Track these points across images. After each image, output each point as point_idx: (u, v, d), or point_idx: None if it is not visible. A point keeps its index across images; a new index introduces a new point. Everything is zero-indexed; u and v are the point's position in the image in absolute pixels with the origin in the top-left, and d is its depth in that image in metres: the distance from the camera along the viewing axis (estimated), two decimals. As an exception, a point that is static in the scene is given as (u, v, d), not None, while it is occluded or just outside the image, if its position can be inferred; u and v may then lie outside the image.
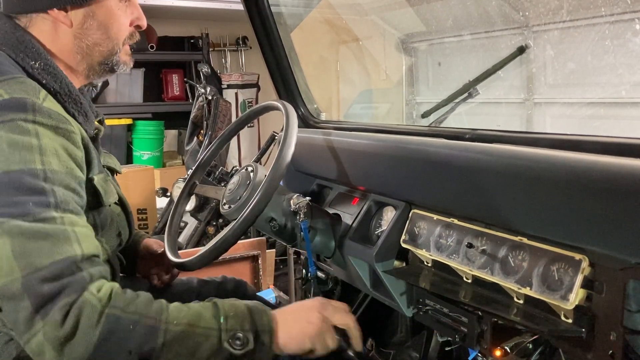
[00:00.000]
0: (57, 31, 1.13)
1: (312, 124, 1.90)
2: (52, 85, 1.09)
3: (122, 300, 0.93)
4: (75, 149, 1.04)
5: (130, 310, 0.92)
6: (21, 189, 0.92)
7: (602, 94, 2.60)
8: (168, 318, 0.95)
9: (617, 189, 0.89)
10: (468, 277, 1.22)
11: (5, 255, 0.89)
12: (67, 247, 0.92)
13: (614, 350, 0.95)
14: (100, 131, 1.25)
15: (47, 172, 0.95)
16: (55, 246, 0.91)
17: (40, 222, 0.91)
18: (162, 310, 0.95)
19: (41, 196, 0.93)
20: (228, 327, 0.98)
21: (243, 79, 5.24)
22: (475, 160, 1.13)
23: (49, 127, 0.99)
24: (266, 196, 1.28)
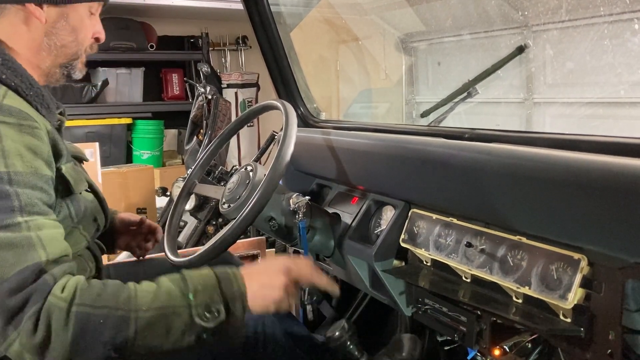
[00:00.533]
0: (29, 25, 1.14)
1: (312, 123, 1.90)
2: (13, 80, 1.07)
3: (88, 295, 0.92)
4: (41, 144, 1.02)
5: (98, 304, 0.92)
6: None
7: (601, 93, 2.60)
8: (137, 305, 0.94)
9: (615, 189, 0.89)
10: (467, 276, 1.22)
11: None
12: (31, 254, 0.91)
13: (613, 349, 0.96)
14: (62, 123, 1.26)
15: (10, 175, 0.94)
16: (19, 255, 0.91)
17: (4, 231, 0.91)
18: (130, 298, 0.95)
19: (6, 200, 0.92)
20: (198, 303, 0.98)
21: (243, 78, 5.24)
22: (474, 160, 1.13)
23: (11, 125, 0.98)
24: (265, 195, 1.28)
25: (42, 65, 1.19)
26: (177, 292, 0.98)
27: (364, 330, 1.87)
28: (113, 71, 5.20)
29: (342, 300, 1.89)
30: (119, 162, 4.89)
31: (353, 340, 1.47)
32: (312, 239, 1.52)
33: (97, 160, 3.45)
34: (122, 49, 4.92)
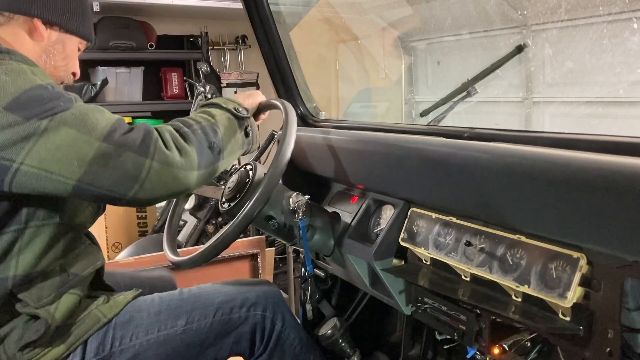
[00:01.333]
0: (32, 38, 1.23)
1: (311, 122, 1.90)
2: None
3: (177, 122, 1.17)
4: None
5: (189, 124, 1.16)
6: (40, 98, 1.03)
7: (600, 92, 2.60)
8: (211, 115, 1.22)
9: (614, 188, 0.89)
10: (466, 275, 1.23)
11: (74, 138, 1.01)
12: (108, 114, 1.07)
13: (612, 348, 0.96)
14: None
15: (52, 84, 1.09)
16: (100, 113, 1.07)
17: (77, 108, 1.05)
18: (202, 118, 1.21)
19: (57, 96, 1.05)
20: (230, 107, 1.27)
21: (242, 77, 5.24)
22: (473, 159, 1.13)
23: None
24: (265, 195, 1.28)
25: None
26: (215, 111, 1.25)
27: (363, 329, 1.87)
28: (112, 70, 5.20)
29: (341, 299, 1.89)
30: (118, 162, 4.88)
31: (345, 338, 1.48)
32: (311, 238, 1.52)
33: (97, 160, 3.44)
34: (122, 48, 4.92)
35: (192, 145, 1.11)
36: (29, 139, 0.99)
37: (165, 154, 1.05)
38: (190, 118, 1.20)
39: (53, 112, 1.02)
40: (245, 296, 1.35)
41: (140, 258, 2.62)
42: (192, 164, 1.09)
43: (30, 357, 1.11)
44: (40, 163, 1.00)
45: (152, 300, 1.30)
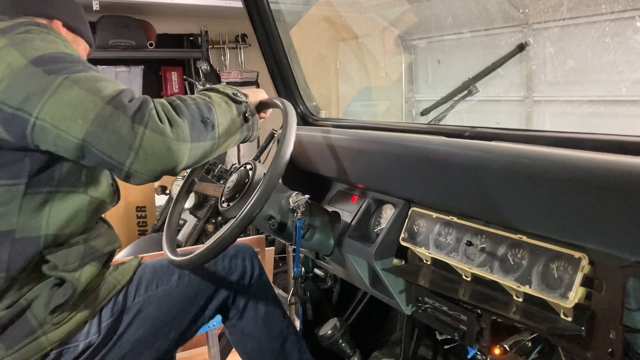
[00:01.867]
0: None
1: (311, 121, 1.90)
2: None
3: (175, 97, 1.20)
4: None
5: (185, 99, 1.19)
6: (63, 59, 1.11)
7: (602, 91, 2.59)
8: (207, 96, 1.25)
9: (617, 187, 0.88)
10: (467, 275, 1.22)
11: (83, 97, 1.06)
12: (119, 84, 1.12)
13: (614, 348, 0.95)
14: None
15: (79, 55, 1.17)
16: (112, 82, 1.12)
17: (92, 73, 1.11)
18: (199, 96, 1.24)
19: (79, 62, 1.13)
20: (229, 91, 1.31)
21: (242, 76, 5.23)
22: (474, 158, 1.12)
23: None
24: (265, 194, 1.27)
25: None
26: (213, 92, 1.28)
27: (363, 329, 1.86)
28: (112, 69, 5.20)
29: (341, 298, 1.88)
30: (118, 161, 4.87)
31: (345, 338, 1.47)
32: (311, 237, 1.51)
33: (97, 159, 3.44)
34: (122, 47, 4.91)
35: (184, 117, 1.13)
36: (44, 94, 1.06)
37: (157, 123, 1.08)
38: (186, 96, 1.24)
39: (70, 71, 1.08)
40: (226, 252, 1.46)
41: (140, 257, 2.61)
42: (183, 135, 1.11)
43: (58, 320, 1.18)
44: (52, 119, 1.06)
45: (151, 263, 1.45)
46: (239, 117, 1.28)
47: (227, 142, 1.26)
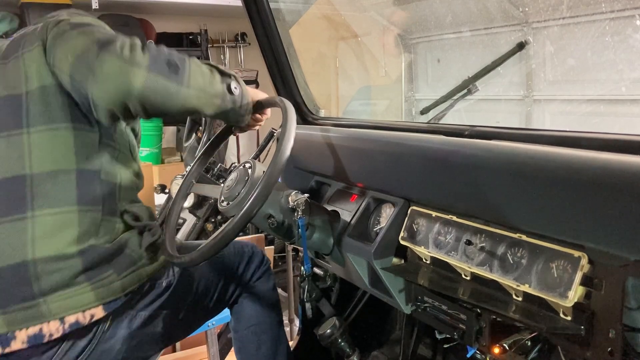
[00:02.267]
0: None
1: (311, 120, 1.89)
2: None
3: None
4: None
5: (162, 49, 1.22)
6: (95, 23, 1.24)
7: (602, 90, 2.58)
8: (189, 60, 1.25)
9: (616, 186, 0.88)
10: (467, 274, 1.22)
11: (80, 41, 1.17)
12: (121, 35, 1.18)
13: (613, 347, 0.95)
14: None
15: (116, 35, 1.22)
16: (114, 34, 1.19)
17: (104, 29, 1.22)
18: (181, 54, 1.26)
19: (108, 30, 1.24)
20: (217, 65, 1.33)
21: (242, 75, 5.22)
22: (474, 157, 1.12)
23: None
24: (264, 193, 1.27)
25: None
26: (201, 61, 1.30)
27: (363, 328, 1.86)
28: (112, 67, 5.18)
29: (341, 298, 1.88)
30: (118, 159, 4.87)
31: (344, 337, 1.47)
32: (311, 236, 1.51)
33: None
34: (122, 46, 4.90)
35: (147, 51, 1.16)
36: (56, 43, 1.20)
37: (117, 49, 1.12)
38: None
39: (89, 28, 1.19)
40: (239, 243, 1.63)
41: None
42: (139, 61, 1.13)
43: (149, 258, 1.34)
44: (59, 62, 1.19)
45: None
46: (222, 85, 1.30)
47: (202, 98, 1.26)
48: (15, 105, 1.24)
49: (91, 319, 1.21)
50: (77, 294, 1.20)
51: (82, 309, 1.20)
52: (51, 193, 1.22)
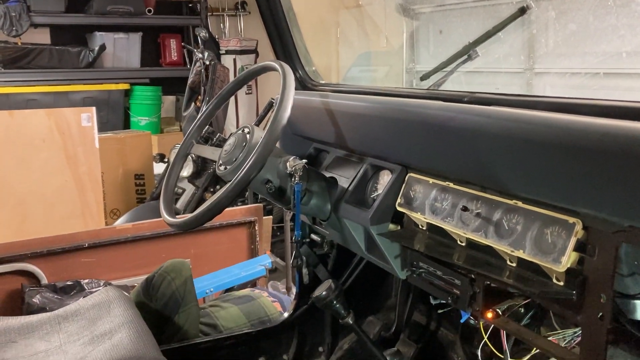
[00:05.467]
0: None
1: (310, 86, 1.88)
2: None
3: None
4: None
5: None
6: None
7: (604, 64, 2.56)
8: None
9: (613, 152, 0.88)
10: (462, 240, 1.23)
11: None
12: None
13: (604, 312, 0.96)
14: None
15: None
16: None
17: None
18: None
19: None
20: None
21: (241, 44, 5.17)
22: (472, 123, 1.12)
23: None
24: (262, 157, 1.27)
25: None
26: None
27: (359, 294, 1.89)
28: (110, 36, 5.14)
29: (337, 263, 1.90)
30: (116, 128, 4.88)
31: (339, 300, 1.49)
32: (308, 202, 1.52)
33: (94, 125, 3.43)
34: (119, 13, 4.85)
35: None
36: None
37: None
38: None
39: None
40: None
41: (138, 224, 2.63)
42: None
43: None
44: None
45: None
46: None
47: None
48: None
49: None
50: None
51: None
52: None
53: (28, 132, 3.24)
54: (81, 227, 3.23)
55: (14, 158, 3.19)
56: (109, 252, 2.48)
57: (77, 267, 2.39)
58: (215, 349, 1.87)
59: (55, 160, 3.29)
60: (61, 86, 4.90)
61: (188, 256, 2.37)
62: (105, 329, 1.50)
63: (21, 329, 1.55)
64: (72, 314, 1.61)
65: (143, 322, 1.52)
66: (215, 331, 1.98)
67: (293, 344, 1.97)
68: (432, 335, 1.80)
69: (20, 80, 4.81)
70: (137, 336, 1.42)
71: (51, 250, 2.31)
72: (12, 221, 3.17)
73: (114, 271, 2.49)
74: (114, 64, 5.23)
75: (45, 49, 4.95)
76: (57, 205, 3.30)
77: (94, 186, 3.40)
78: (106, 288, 1.78)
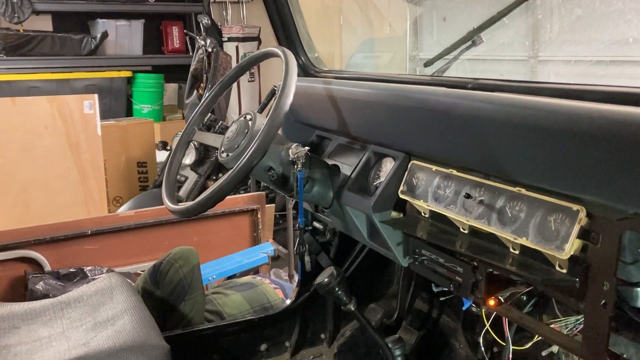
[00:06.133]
0: None
1: (313, 73, 1.87)
2: None
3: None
4: None
5: None
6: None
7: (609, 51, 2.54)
8: None
9: (617, 138, 0.87)
10: (465, 227, 1.22)
11: None
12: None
13: (607, 300, 0.96)
14: None
15: None
16: None
17: None
18: None
19: None
20: None
21: (244, 32, 5.14)
22: (476, 109, 1.11)
23: None
24: (264, 144, 1.27)
25: None
26: None
27: (361, 282, 1.89)
28: (112, 23, 5.12)
29: (340, 251, 1.90)
30: (119, 116, 4.87)
31: (341, 286, 1.49)
32: (310, 190, 1.51)
33: (97, 112, 3.42)
34: (122, 0, 4.82)
35: None
36: None
37: None
38: None
39: None
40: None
41: (140, 212, 2.63)
42: None
43: None
44: None
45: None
46: None
47: None
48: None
49: None
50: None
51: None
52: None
53: (31, 119, 3.24)
54: (84, 214, 3.24)
55: (16, 145, 3.20)
56: (111, 240, 2.49)
57: (80, 255, 2.40)
58: (218, 335, 1.88)
59: (57, 148, 3.30)
60: (63, 74, 4.89)
61: (190, 244, 2.38)
62: (108, 315, 1.50)
63: (24, 315, 1.56)
64: (74, 301, 1.62)
65: (146, 308, 1.52)
66: (220, 318, 1.99)
67: (295, 331, 1.97)
68: (434, 323, 1.80)
69: (22, 68, 4.80)
70: (140, 322, 1.43)
71: (54, 238, 2.32)
72: (16, 208, 3.18)
73: (117, 258, 2.50)
74: (116, 52, 5.21)
75: (47, 36, 4.94)
76: (60, 192, 3.31)
77: (97, 173, 3.41)
78: (109, 275, 1.78)
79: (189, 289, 1.83)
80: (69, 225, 2.39)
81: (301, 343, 1.98)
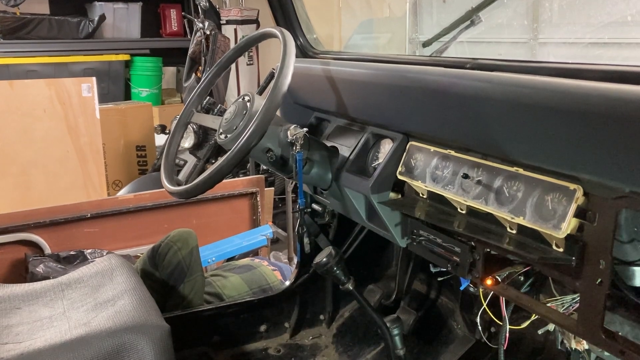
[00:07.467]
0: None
1: (311, 54, 1.86)
2: None
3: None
4: None
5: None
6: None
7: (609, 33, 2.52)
8: None
9: (614, 116, 0.87)
10: (462, 207, 1.23)
11: None
12: None
13: (603, 278, 0.97)
14: None
15: None
16: None
17: None
18: None
19: None
20: None
21: (242, 14, 5.10)
22: (474, 89, 1.11)
23: None
24: (262, 125, 1.26)
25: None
26: None
27: (360, 263, 1.90)
28: (110, 6, 5.08)
29: (338, 233, 1.91)
30: (117, 100, 4.86)
31: (340, 266, 1.50)
32: (309, 171, 1.52)
33: (95, 96, 3.41)
34: (119, -18, 4.78)
35: None
36: None
37: None
38: None
39: None
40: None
41: (140, 195, 2.64)
42: None
43: None
44: None
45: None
46: None
47: None
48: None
49: None
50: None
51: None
52: None
53: (29, 102, 3.23)
54: (84, 197, 3.24)
55: (15, 128, 3.19)
56: (111, 223, 2.50)
57: (80, 237, 2.41)
58: (218, 316, 1.90)
59: (56, 131, 3.29)
60: (61, 57, 4.86)
61: (190, 226, 2.38)
62: (108, 296, 1.51)
63: (25, 296, 1.57)
64: (75, 282, 1.63)
65: (146, 289, 1.53)
66: (219, 300, 2.01)
67: (294, 312, 1.99)
68: (432, 303, 1.82)
69: (19, 51, 4.77)
70: (140, 303, 1.44)
71: (54, 221, 2.33)
72: (15, 191, 3.19)
73: (117, 241, 2.51)
74: (114, 35, 5.18)
75: (45, 19, 4.90)
76: (60, 175, 3.31)
77: (96, 157, 3.41)
78: (109, 256, 1.79)
79: (188, 271, 1.84)
80: (68, 208, 2.39)
81: (300, 324, 2.00)
